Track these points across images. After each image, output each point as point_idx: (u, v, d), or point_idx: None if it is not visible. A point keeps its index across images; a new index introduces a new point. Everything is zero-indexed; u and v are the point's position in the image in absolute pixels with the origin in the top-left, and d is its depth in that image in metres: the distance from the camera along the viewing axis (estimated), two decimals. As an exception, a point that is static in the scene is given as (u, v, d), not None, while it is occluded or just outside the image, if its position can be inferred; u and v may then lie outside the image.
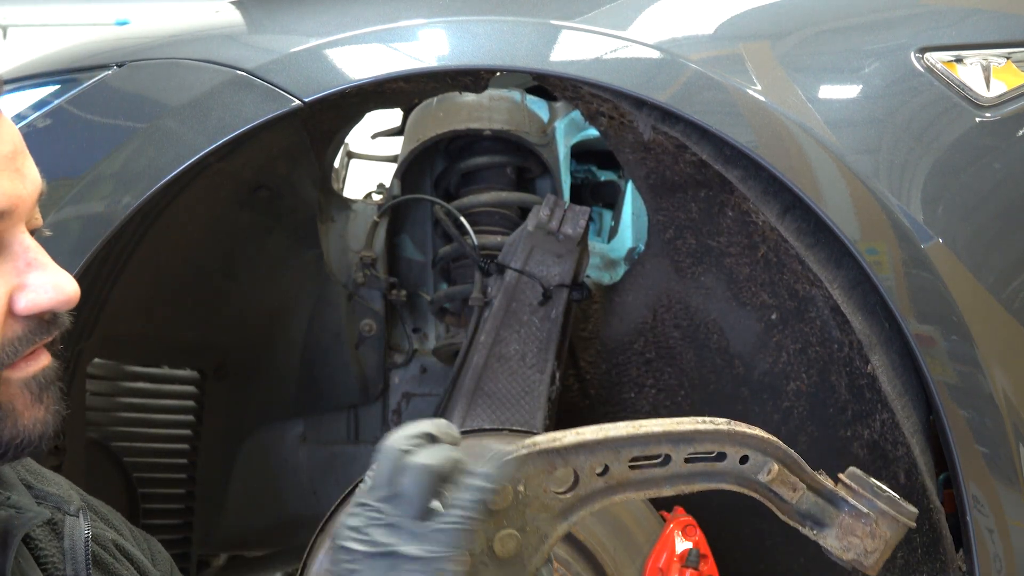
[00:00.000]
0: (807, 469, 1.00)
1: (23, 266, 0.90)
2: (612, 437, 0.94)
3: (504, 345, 1.75)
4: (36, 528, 1.03)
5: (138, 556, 1.17)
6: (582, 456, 0.93)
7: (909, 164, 1.38)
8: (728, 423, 0.98)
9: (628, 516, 1.48)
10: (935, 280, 1.35)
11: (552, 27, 1.42)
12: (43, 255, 0.92)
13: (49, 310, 0.91)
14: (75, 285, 0.92)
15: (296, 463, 2.15)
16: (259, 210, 1.81)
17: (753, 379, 1.80)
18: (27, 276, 0.90)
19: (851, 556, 1.00)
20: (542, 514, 0.93)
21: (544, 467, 0.92)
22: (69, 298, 0.92)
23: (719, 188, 1.58)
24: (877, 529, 0.99)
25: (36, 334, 0.91)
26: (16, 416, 0.91)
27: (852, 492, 1.00)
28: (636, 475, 0.95)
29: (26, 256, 0.91)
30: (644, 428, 0.95)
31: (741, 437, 0.97)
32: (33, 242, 0.92)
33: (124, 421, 2.00)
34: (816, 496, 1.00)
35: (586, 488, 0.94)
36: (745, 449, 0.97)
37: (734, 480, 0.99)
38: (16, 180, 0.90)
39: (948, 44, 1.42)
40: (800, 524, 1.01)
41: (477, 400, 1.73)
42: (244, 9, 1.57)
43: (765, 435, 0.98)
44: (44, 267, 0.91)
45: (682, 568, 1.43)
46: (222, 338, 1.97)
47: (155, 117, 1.39)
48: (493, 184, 2.10)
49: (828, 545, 1.00)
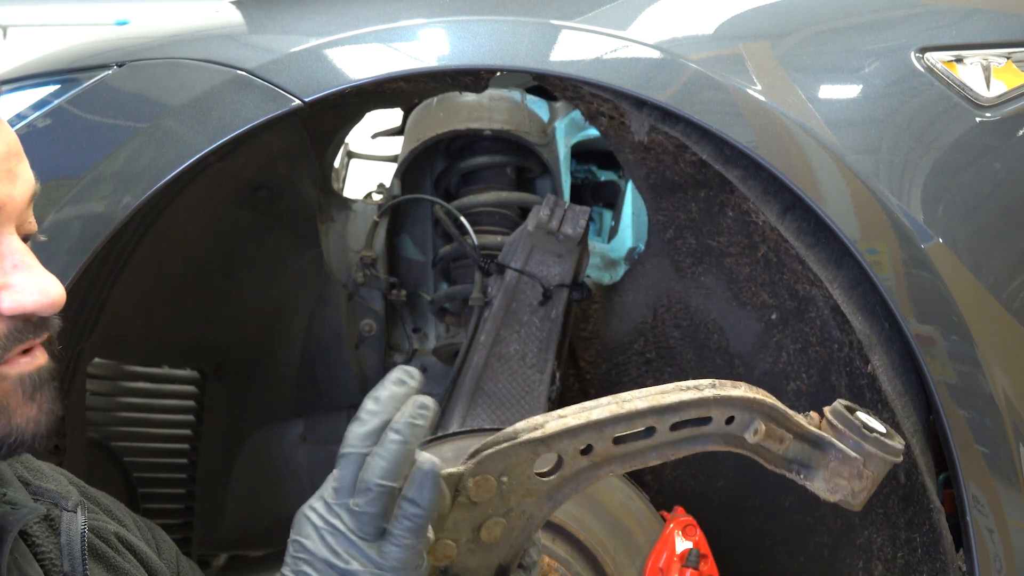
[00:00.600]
0: (793, 418, 0.98)
1: (9, 267, 0.90)
2: (596, 420, 0.92)
3: (504, 345, 1.75)
4: (33, 524, 1.03)
5: (142, 547, 1.17)
6: (565, 440, 0.92)
7: (909, 164, 1.38)
8: (712, 385, 0.96)
9: (628, 516, 1.48)
10: (935, 280, 1.35)
11: (552, 27, 1.42)
12: (30, 258, 0.92)
13: (33, 312, 0.91)
14: (61, 289, 0.92)
15: (296, 463, 2.15)
16: (259, 210, 1.81)
17: (753, 379, 1.79)
18: (12, 277, 0.90)
19: (838, 497, 0.99)
20: (528, 498, 0.92)
21: (527, 456, 0.91)
22: (53, 301, 0.92)
23: (719, 188, 1.58)
24: (864, 470, 0.97)
25: (22, 334, 0.91)
26: (9, 414, 0.91)
27: (838, 434, 0.98)
28: (621, 449, 0.94)
29: (13, 258, 0.91)
30: (628, 405, 0.93)
31: (726, 400, 0.95)
32: (21, 245, 0.92)
33: (124, 421, 2.00)
34: (803, 443, 0.99)
35: (570, 468, 0.93)
36: (731, 410, 0.96)
37: (721, 440, 0.97)
38: (6, 181, 0.91)
39: (948, 44, 1.42)
40: (787, 470, 1.00)
41: (477, 400, 1.73)
42: (244, 9, 1.57)
43: (749, 394, 0.96)
44: (30, 269, 0.91)
45: (682, 568, 1.43)
46: (222, 338, 1.97)
47: (155, 117, 1.39)
48: (493, 184, 2.10)
49: (815, 489, 0.99)
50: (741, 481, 1.85)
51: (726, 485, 1.89)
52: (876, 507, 1.55)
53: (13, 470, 1.08)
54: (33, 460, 1.15)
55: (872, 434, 0.97)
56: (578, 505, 1.47)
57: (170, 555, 1.25)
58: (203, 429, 2.04)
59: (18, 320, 0.91)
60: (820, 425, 0.99)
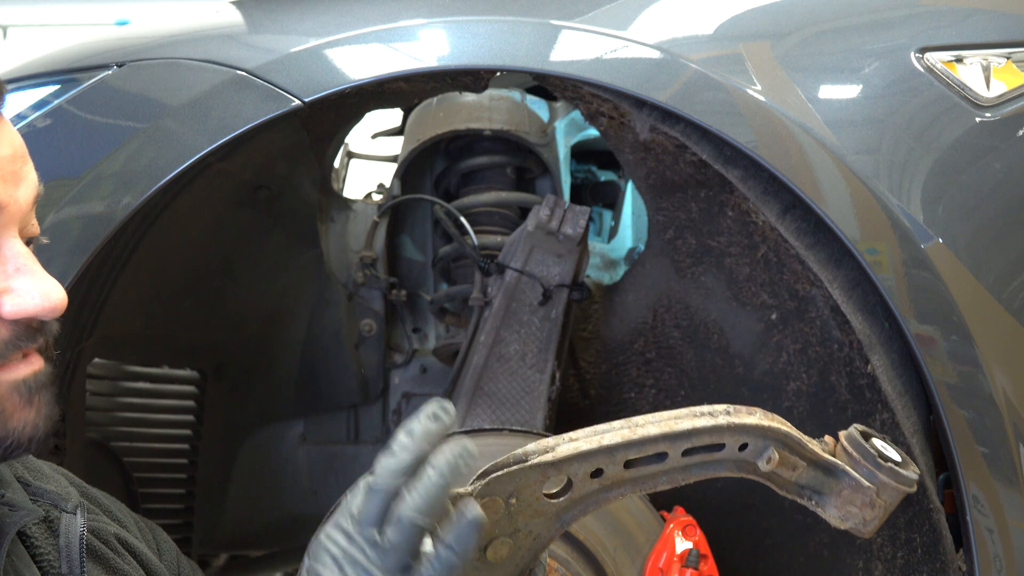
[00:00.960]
0: (807, 445, 0.96)
1: (12, 271, 0.91)
2: (608, 445, 0.91)
3: (504, 345, 1.75)
4: (32, 526, 1.03)
5: (141, 549, 1.17)
6: (576, 464, 0.90)
7: (909, 164, 1.38)
8: (727, 411, 0.95)
9: (628, 516, 1.48)
10: (935, 280, 1.35)
11: (552, 27, 1.42)
12: (32, 261, 0.92)
13: (34, 316, 0.91)
14: (62, 293, 0.92)
15: (296, 463, 2.15)
16: (259, 210, 1.81)
17: (753, 379, 1.80)
18: (14, 280, 0.90)
19: (849, 525, 0.97)
20: (535, 519, 0.91)
21: (537, 479, 0.90)
22: (55, 306, 0.92)
23: (719, 188, 1.58)
24: (877, 499, 0.96)
25: (22, 339, 0.92)
26: (6, 418, 0.91)
27: (852, 462, 0.96)
28: (631, 474, 0.92)
29: (16, 261, 0.91)
30: (640, 431, 0.92)
31: (740, 428, 0.94)
32: (24, 248, 0.92)
33: (124, 421, 2.00)
34: (816, 470, 0.97)
35: (580, 492, 0.92)
36: (745, 438, 0.95)
37: (733, 467, 0.96)
38: (10, 183, 0.91)
39: (948, 44, 1.42)
40: (799, 496, 0.98)
41: (477, 400, 1.73)
42: (244, 9, 1.57)
43: (764, 422, 0.94)
44: (33, 273, 0.91)
45: (682, 568, 1.43)
46: (222, 338, 1.97)
47: (155, 117, 1.39)
48: (493, 184, 2.10)
49: (826, 516, 0.97)
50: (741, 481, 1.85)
51: (726, 485, 1.88)
52: (876, 507, 1.55)
53: (13, 471, 1.08)
54: (34, 460, 1.16)
55: (887, 463, 0.95)
56: (578, 505, 1.47)
57: (171, 556, 1.25)
58: (203, 429, 2.04)
59: (19, 326, 0.91)
60: (835, 451, 0.98)
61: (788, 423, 0.97)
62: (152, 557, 1.18)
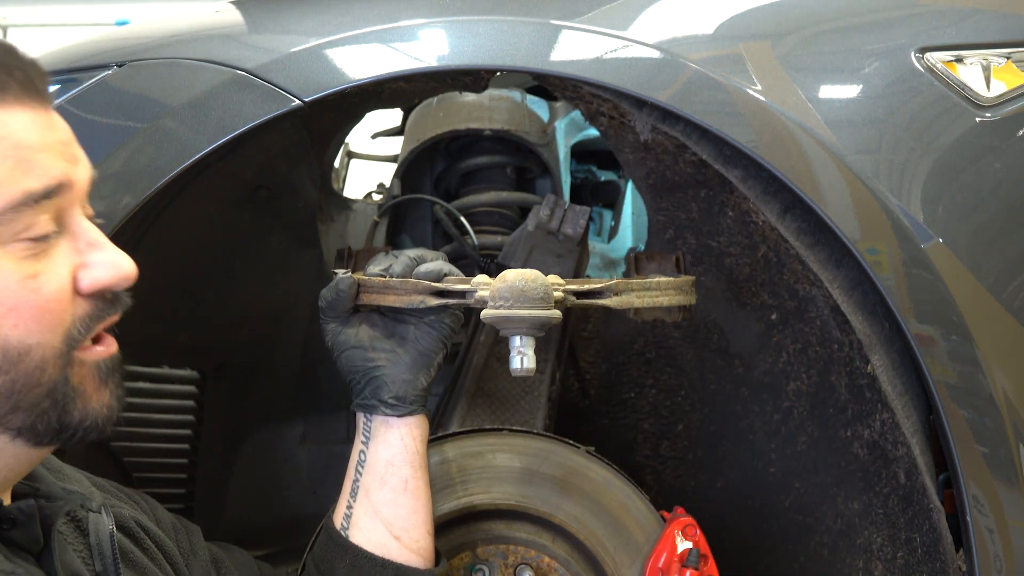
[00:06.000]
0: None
1: (84, 246, 0.95)
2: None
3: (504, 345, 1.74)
4: (62, 525, 1.04)
5: (156, 531, 1.21)
6: None
7: (909, 164, 1.38)
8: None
9: (628, 516, 1.48)
10: (935, 280, 1.35)
11: (552, 27, 1.42)
12: (100, 235, 0.97)
13: (109, 287, 0.96)
14: (132, 263, 0.98)
15: (296, 463, 2.15)
16: (259, 210, 1.81)
17: (753, 379, 1.80)
18: (88, 255, 0.95)
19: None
20: None
21: None
22: (127, 275, 0.97)
23: (719, 188, 1.58)
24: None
25: (103, 312, 0.96)
26: (86, 399, 0.96)
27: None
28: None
29: (86, 236, 0.95)
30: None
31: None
32: (90, 223, 0.97)
33: (124, 421, 1.98)
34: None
35: None
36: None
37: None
38: (71, 162, 0.95)
39: (948, 44, 1.42)
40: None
41: (477, 400, 1.73)
42: (244, 9, 1.57)
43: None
44: (103, 246, 0.96)
45: (682, 568, 1.43)
46: (222, 338, 1.97)
47: (155, 117, 1.39)
48: (493, 184, 2.10)
49: None
50: (741, 481, 1.85)
51: (726, 485, 1.89)
52: (876, 507, 1.55)
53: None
54: (55, 460, 1.17)
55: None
56: (578, 505, 1.47)
57: (203, 556, 1.29)
58: (203, 429, 2.03)
59: (97, 299, 0.96)
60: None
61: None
62: (173, 548, 1.21)
